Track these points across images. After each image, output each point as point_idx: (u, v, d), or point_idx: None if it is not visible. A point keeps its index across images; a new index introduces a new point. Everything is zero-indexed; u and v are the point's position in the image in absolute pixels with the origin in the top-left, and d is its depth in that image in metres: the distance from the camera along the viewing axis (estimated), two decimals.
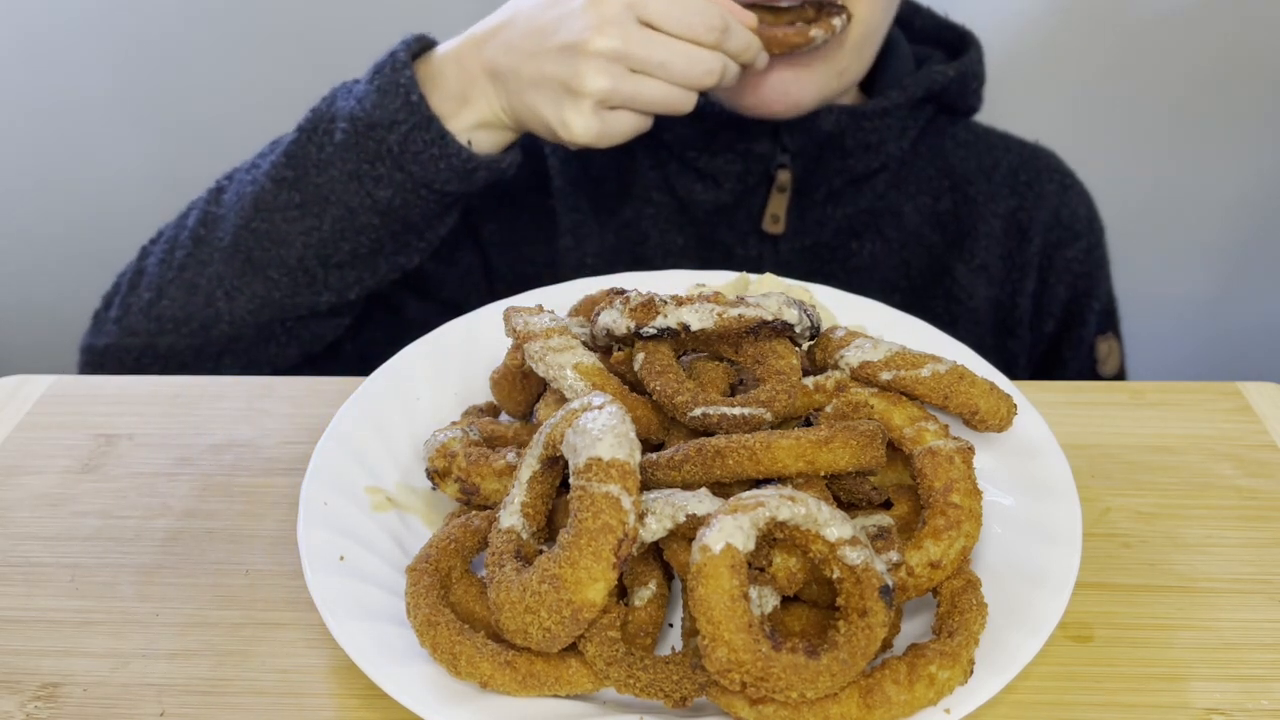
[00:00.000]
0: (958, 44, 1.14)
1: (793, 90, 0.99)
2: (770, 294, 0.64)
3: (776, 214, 1.07)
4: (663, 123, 1.08)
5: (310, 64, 1.65)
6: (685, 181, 1.09)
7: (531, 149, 1.13)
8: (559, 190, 1.11)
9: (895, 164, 1.09)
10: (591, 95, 0.85)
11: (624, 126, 0.89)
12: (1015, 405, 0.65)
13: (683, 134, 1.07)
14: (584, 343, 0.66)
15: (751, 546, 0.49)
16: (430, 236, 0.97)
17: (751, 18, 0.90)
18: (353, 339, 1.05)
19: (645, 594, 0.56)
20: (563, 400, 0.63)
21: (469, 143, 0.91)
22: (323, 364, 1.03)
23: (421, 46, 0.96)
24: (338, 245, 0.93)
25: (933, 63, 1.11)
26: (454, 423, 0.66)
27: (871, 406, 0.63)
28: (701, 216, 1.09)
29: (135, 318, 0.96)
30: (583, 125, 0.87)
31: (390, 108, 0.89)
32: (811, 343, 0.67)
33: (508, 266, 1.11)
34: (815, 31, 0.92)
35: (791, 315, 0.63)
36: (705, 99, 1.06)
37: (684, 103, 0.89)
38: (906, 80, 1.07)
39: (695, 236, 1.10)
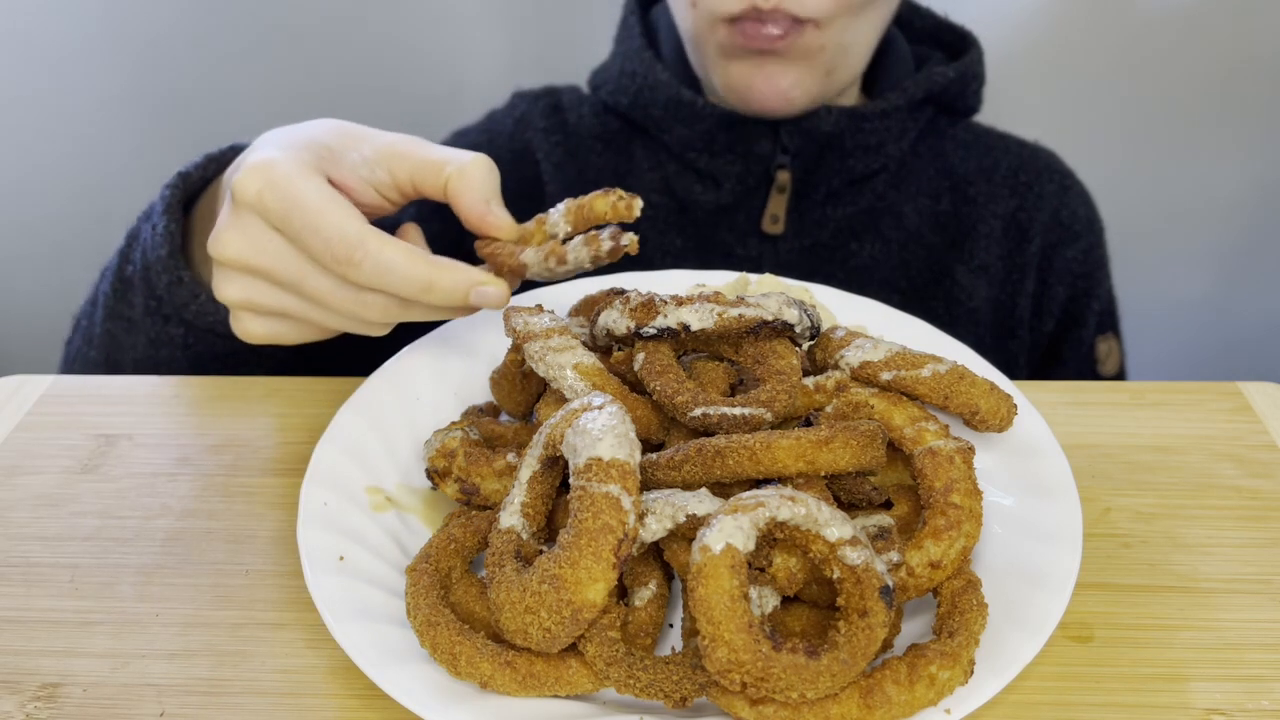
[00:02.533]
0: (958, 44, 1.14)
1: (784, 87, 0.99)
2: (770, 294, 0.64)
3: (776, 214, 1.07)
4: (662, 125, 1.08)
5: (312, 64, 1.65)
6: (685, 182, 1.09)
7: (523, 153, 1.13)
8: (552, 196, 1.11)
9: (895, 165, 1.09)
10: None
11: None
12: (1015, 405, 0.65)
13: (683, 135, 1.07)
14: (584, 343, 0.66)
15: (751, 546, 0.49)
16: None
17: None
18: (346, 339, 1.04)
19: (645, 594, 0.56)
20: (563, 400, 0.63)
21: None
22: (321, 364, 1.03)
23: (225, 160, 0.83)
24: (164, 367, 0.85)
25: (933, 63, 1.11)
26: (454, 423, 0.66)
27: (871, 406, 0.63)
28: (701, 217, 1.10)
29: (78, 366, 0.93)
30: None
31: (158, 251, 0.80)
32: (811, 343, 0.67)
33: None
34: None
35: (791, 315, 0.63)
36: (704, 99, 1.06)
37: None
38: (906, 82, 1.07)
39: (695, 237, 1.10)
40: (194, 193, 0.84)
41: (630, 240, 0.64)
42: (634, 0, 1.15)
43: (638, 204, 0.65)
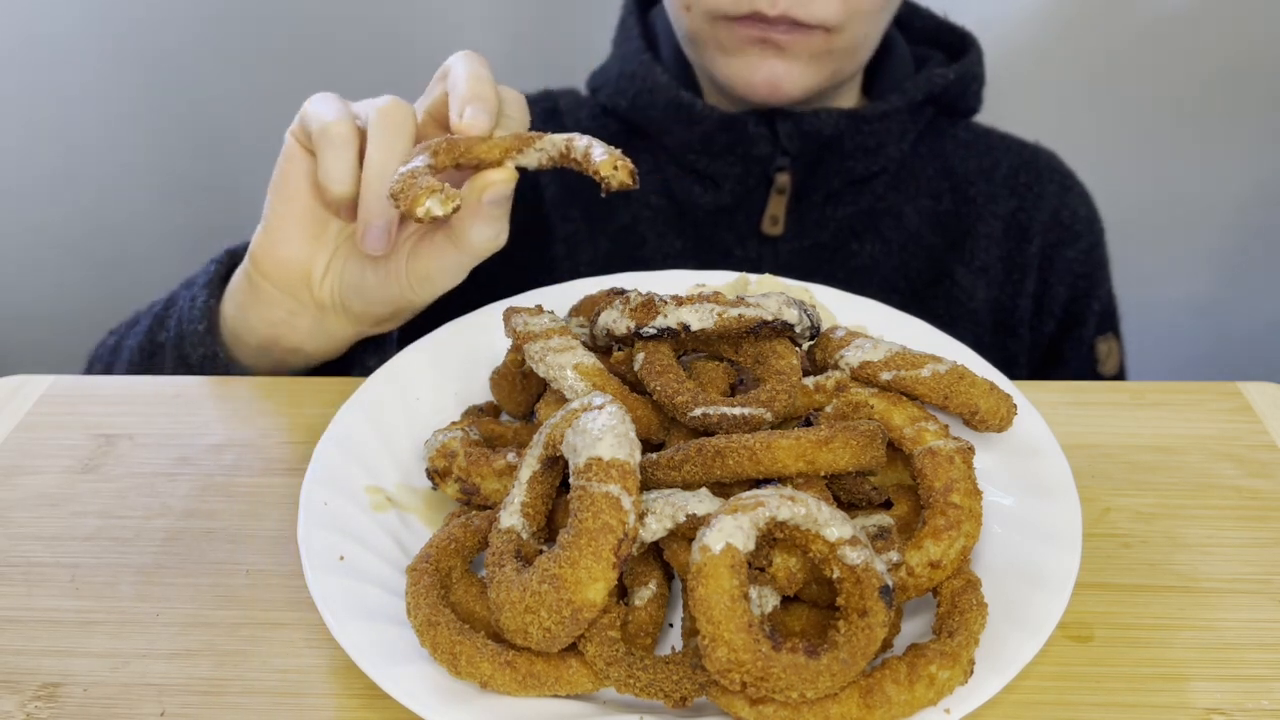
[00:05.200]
0: (958, 45, 1.14)
1: (783, 82, 0.99)
2: (770, 294, 0.64)
3: (775, 216, 1.07)
4: (662, 127, 1.08)
5: (311, 66, 1.65)
6: (684, 184, 1.09)
7: None
8: (552, 199, 1.11)
9: (895, 166, 1.09)
10: None
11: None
12: (1015, 405, 0.65)
13: (682, 137, 1.07)
14: (584, 343, 0.66)
15: (751, 546, 0.49)
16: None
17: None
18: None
19: (645, 594, 0.56)
20: (563, 400, 0.63)
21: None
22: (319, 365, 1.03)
23: None
24: None
25: (932, 64, 1.11)
26: (454, 423, 0.66)
27: (871, 406, 0.63)
28: (701, 219, 1.10)
29: None
30: None
31: (194, 325, 0.83)
32: (811, 343, 0.67)
33: (498, 278, 1.11)
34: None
35: (791, 315, 0.63)
36: (703, 101, 1.06)
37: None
38: (906, 84, 1.07)
39: (694, 239, 1.10)
40: (236, 264, 0.86)
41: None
42: (632, 2, 1.15)
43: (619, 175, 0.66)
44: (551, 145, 0.70)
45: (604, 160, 0.66)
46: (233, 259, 0.87)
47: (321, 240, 0.79)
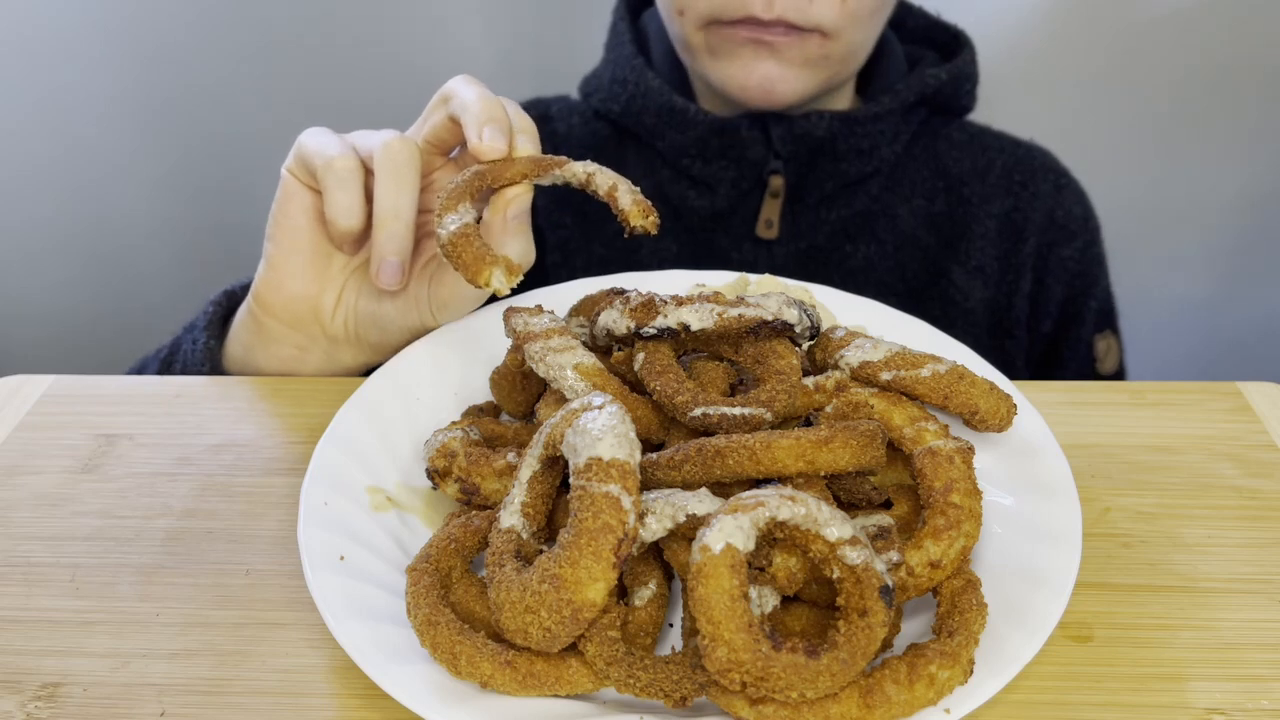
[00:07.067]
0: (951, 44, 1.14)
1: (778, 85, 0.99)
2: (770, 294, 0.64)
3: (770, 219, 1.07)
4: (655, 132, 1.08)
5: (306, 72, 1.65)
6: (679, 189, 1.09)
7: None
8: (542, 208, 1.11)
9: (888, 167, 1.09)
10: None
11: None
12: (1015, 405, 0.65)
13: (676, 142, 1.07)
14: (584, 343, 0.66)
15: (751, 546, 0.49)
16: None
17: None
18: None
19: (645, 594, 0.56)
20: (563, 400, 0.63)
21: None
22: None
23: None
24: None
25: (925, 64, 1.11)
26: (454, 423, 0.66)
27: (871, 406, 0.63)
28: (695, 223, 1.10)
29: None
30: None
31: (198, 368, 0.84)
32: (811, 343, 0.67)
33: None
34: None
35: (791, 315, 0.63)
36: (696, 104, 1.06)
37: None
38: (899, 85, 1.07)
39: (689, 243, 1.10)
40: (235, 305, 0.87)
41: None
42: (623, 6, 1.15)
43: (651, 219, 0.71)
44: (572, 174, 0.72)
45: (632, 209, 0.70)
46: (231, 300, 0.88)
47: (328, 274, 0.80)
